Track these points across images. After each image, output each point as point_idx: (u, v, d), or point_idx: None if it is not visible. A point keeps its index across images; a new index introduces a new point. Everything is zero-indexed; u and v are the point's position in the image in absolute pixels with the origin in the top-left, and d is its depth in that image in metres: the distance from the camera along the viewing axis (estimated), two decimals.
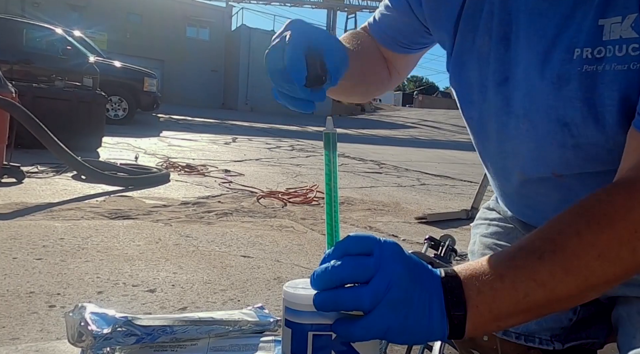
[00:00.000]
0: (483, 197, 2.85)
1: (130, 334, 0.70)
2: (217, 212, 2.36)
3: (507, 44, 0.63)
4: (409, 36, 0.78)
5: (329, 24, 29.55)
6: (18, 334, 0.93)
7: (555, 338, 0.76)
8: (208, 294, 1.28)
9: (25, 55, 6.32)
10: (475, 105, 0.72)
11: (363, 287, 0.41)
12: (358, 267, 0.41)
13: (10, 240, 1.57)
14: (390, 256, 0.42)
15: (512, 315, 0.45)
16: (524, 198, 0.75)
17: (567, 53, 0.57)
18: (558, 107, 0.60)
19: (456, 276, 0.44)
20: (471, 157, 8.09)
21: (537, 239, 0.47)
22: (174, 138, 6.74)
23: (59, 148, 2.64)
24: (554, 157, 0.65)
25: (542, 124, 0.63)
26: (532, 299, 0.44)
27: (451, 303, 0.42)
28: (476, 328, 0.43)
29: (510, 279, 0.44)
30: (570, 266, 0.45)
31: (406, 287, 0.42)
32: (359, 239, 0.43)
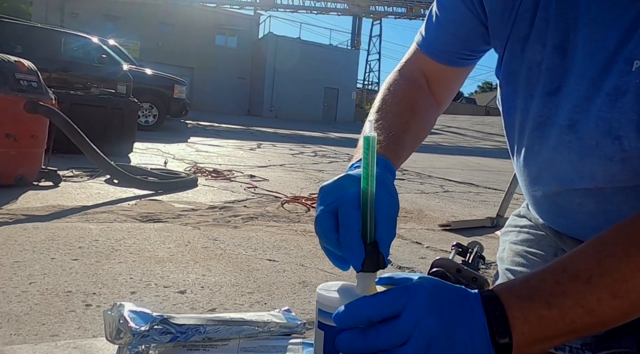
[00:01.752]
0: (509, 205, 2.80)
1: (166, 333, 0.73)
2: (243, 216, 2.41)
3: (562, 53, 0.62)
4: (471, 44, 0.72)
5: (354, 30, 29.62)
6: (57, 332, 0.98)
7: (586, 346, 0.75)
8: (236, 296, 1.31)
9: (63, 63, 6.59)
10: (517, 112, 0.71)
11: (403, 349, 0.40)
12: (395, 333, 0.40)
13: (49, 241, 1.65)
14: (425, 310, 0.41)
15: (556, 338, 0.45)
16: (558, 207, 0.73)
17: (626, 65, 0.56)
18: (611, 120, 0.59)
19: (499, 302, 0.43)
20: (496, 164, 7.93)
21: (582, 261, 0.46)
22: (202, 144, 6.89)
23: (94, 153, 2.75)
24: (598, 170, 0.63)
25: (589, 136, 0.62)
26: (578, 324, 0.44)
27: (496, 332, 0.42)
28: (520, 351, 0.43)
29: (558, 307, 0.43)
30: (619, 290, 0.44)
31: (446, 335, 0.41)
32: (389, 297, 0.41)
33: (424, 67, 0.76)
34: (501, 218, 2.76)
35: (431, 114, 0.76)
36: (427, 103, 0.75)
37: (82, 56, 7.02)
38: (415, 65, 0.76)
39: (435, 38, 0.74)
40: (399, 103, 0.69)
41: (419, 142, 0.72)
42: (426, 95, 0.75)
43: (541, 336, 0.43)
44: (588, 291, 0.44)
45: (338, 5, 27.00)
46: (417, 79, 0.75)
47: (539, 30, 0.63)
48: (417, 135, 0.70)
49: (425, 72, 0.76)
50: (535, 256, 0.83)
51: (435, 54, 0.74)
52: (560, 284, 0.44)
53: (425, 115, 0.73)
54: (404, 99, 0.70)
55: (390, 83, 0.73)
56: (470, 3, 0.68)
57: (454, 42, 0.72)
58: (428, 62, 0.75)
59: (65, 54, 6.85)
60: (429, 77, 0.76)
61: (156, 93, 7.82)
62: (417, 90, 0.74)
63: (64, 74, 6.39)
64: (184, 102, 8.37)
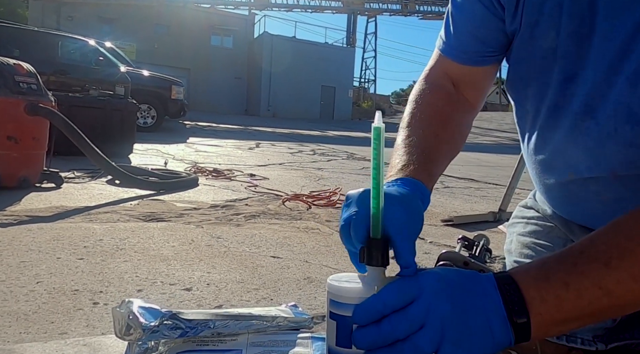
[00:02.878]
0: (511, 199, 2.81)
1: (176, 328, 0.74)
2: (245, 215, 2.42)
3: (578, 39, 0.60)
4: (492, 42, 0.70)
5: (349, 28, 29.60)
6: (66, 329, 0.98)
7: (598, 338, 0.74)
8: (242, 293, 1.32)
9: (60, 66, 6.58)
10: (530, 99, 0.69)
11: (419, 337, 0.40)
12: (409, 320, 0.40)
13: (54, 241, 1.66)
14: (435, 295, 0.41)
15: (574, 320, 0.45)
16: (571, 195, 0.72)
17: None
18: (631, 103, 0.58)
19: (513, 282, 0.43)
20: (495, 160, 7.95)
21: (601, 243, 0.46)
22: (201, 144, 6.89)
23: (95, 154, 2.76)
24: (616, 157, 0.62)
25: (608, 122, 0.61)
26: (596, 306, 0.43)
27: (513, 312, 0.42)
28: (539, 333, 0.43)
29: (575, 287, 0.43)
30: (638, 272, 0.43)
31: (460, 318, 0.41)
32: (398, 289, 0.42)
33: (449, 71, 0.74)
34: (504, 213, 2.77)
35: (464, 117, 0.73)
36: (458, 107, 0.73)
37: (80, 59, 7.01)
38: (439, 70, 0.74)
39: (455, 40, 0.72)
40: (427, 116, 0.67)
41: (455, 149, 0.70)
42: (455, 99, 0.73)
43: (559, 317, 0.43)
44: (607, 273, 0.43)
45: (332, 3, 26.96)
46: (443, 85, 0.73)
47: (551, 16, 0.61)
48: (450, 145, 0.67)
49: (452, 76, 0.74)
50: (544, 248, 0.83)
51: (457, 56, 0.72)
52: (578, 265, 0.44)
53: (456, 121, 0.70)
54: (432, 109, 0.68)
55: (417, 94, 0.71)
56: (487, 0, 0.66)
57: (475, 42, 0.70)
58: (452, 65, 0.73)
59: (63, 57, 6.84)
60: (456, 80, 0.74)
61: (154, 94, 7.82)
62: (444, 97, 0.71)
63: (61, 77, 6.39)
64: (181, 102, 8.37)
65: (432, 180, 0.58)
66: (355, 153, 7.18)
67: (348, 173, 4.77)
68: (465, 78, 0.73)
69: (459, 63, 0.72)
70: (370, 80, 35.94)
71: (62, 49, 6.88)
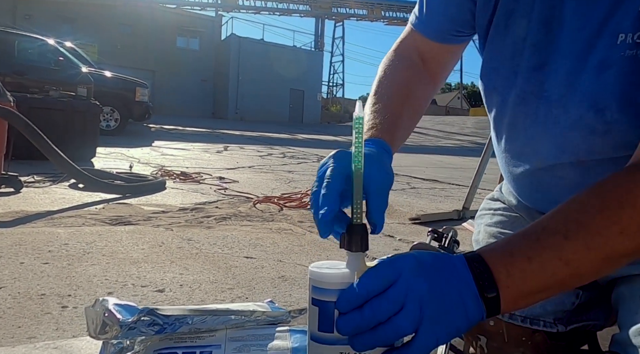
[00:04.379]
0: (474, 198, 2.92)
1: (153, 324, 0.73)
2: (216, 217, 2.40)
3: (548, 29, 0.63)
4: (462, 21, 0.73)
5: (317, 32, 29.77)
6: (34, 334, 0.95)
7: (559, 321, 0.79)
8: (216, 292, 1.31)
9: (17, 66, 6.29)
10: (500, 89, 0.72)
11: (399, 318, 0.42)
12: (389, 303, 0.42)
13: (16, 246, 1.59)
14: (412, 276, 0.43)
15: (539, 292, 0.47)
16: (538, 182, 0.75)
17: (611, 38, 0.58)
18: (595, 93, 0.61)
19: (482, 260, 0.45)
20: (458, 162, 8.20)
21: (560, 219, 0.49)
22: (167, 148, 6.74)
23: (58, 157, 2.66)
24: (581, 143, 0.65)
25: (574, 110, 0.64)
26: (558, 277, 0.46)
27: (483, 287, 0.44)
28: (508, 306, 0.45)
29: (538, 260, 0.45)
30: (594, 243, 0.46)
31: (437, 296, 0.43)
32: (377, 273, 0.43)
33: (418, 45, 0.78)
34: (467, 211, 2.87)
35: (426, 91, 0.78)
36: (422, 80, 0.77)
37: (38, 59, 6.73)
38: (410, 44, 0.79)
39: (427, 17, 0.76)
40: (394, 85, 0.71)
41: (417, 117, 0.75)
42: (421, 72, 0.77)
43: (525, 289, 0.46)
44: (566, 244, 0.46)
45: (300, 7, 27.06)
46: (411, 58, 0.77)
47: (525, 4, 0.64)
48: (414, 113, 0.73)
49: (420, 51, 0.78)
50: None
51: (428, 32, 0.77)
52: (539, 240, 0.47)
53: (421, 93, 0.75)
54: (399, 80, 0.73)
55: (387, 64, 0.76)
56: None
57: (445, 21, 0.74)
58: (422, 40, 0.77)
59: (20, 57, 6.54)
60: (424, 55, 0.79)
61: (117, 96, 7.60)
62: (411, 69, 0.76)
63: (19, 78, 6.10)
64: (146, 105, 8.17)
65: (396, 141, 0.63)
66: (325, 156, 7.22)
67: None
68: (433, 54, 0.78)
69: (429, 39, 0.77)
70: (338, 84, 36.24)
71: (18, 48, 6.58)
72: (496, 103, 0.75)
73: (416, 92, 0.74)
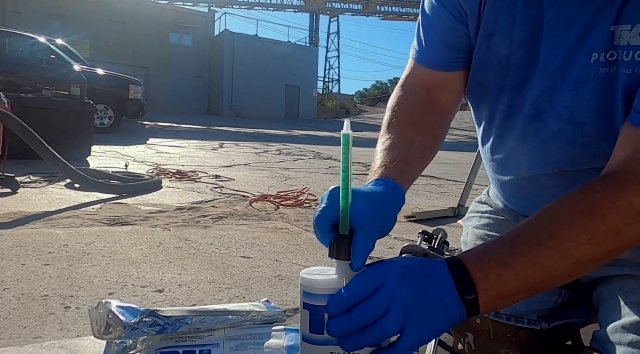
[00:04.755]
0: (469, 195, 2.96)
1: (155, 325, 0.77)
2: (212, 216, 2.43)
3: (528, 48, 0.67)
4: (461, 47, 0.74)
5: (311, 27, 29.68)
6: (40, 334, 0.99)
7: (542, 318, 0.84)
8: (214, 292, 1.35)
9: (8, 65, 6.25)
10: (487, 104, 0.76)
11: (385, 321, 0.45)
12: (375, 307, 0.45)
13: (16, 248, 1.62)
14: (397, 281, 0.46)
15: (515, 294, 0.51)
16: (523, 190, 0.79)
17: (586, 57, 0.62)
18: (573, 107, 0.65)
19: (462, 264, 0.49)
20: (455, 157, 8.25)
21: (534, 227, 0.52)
22: (162, 145, 6.75)
23: (54, 157, 2.67)
24: (561, 155, 0.69)
25: (553, 124, 0.68)
26: (532, 280, 0.50)
27: (463, 290, 0.47)
28: (486, 307, 0.49)
29: (513, 265, 0.49)
30: (564, 249, 0.50)
31: (419, 300, 0.46)
32: (364, 280, 0.46)
33: (423, 78, 0.78)
34: (462, 208, 2.91)
35: (437, 122, 0.77)
36: (431, 113, 0.76)
37: (29, 57, 6.69)
38: (414, 79, 0.79)
39: (427, 49, 0.76)
40: (402, 123, 0.71)
41: (429, 151, 0.74)
42: (428, 106, 0.77)
43: (502, 292, 0.49)
44: (539, 251, 0.50)
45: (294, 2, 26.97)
46: (417, 93, 0.77)
47: (506, 26, 0.68)
48: (423, 148, 0.72)
49: (426, 83, 0.78)
50: None
51: (430, 63, 0.77)
52: (514, 246, 0.51)
53: (429, 126, 0.75)
54: (406, 117, 0.73)
55: (394, 103, 0.76)
56: (452, 7, 0.72)
57: (445, 49, 0.75)
58: (426, 72, 0.78)
59: (11, 55, 6.50)
60: (430, 86, 0.78)
61: (111, 94, 7.57)
62: (418, 105, 0.76)
63: (10, 76, 6.07)
64: (140, 102, 8.15)
65: (406, 179, 0.63)
66: (321, 153, 7.25)
67: (315, 173, 4.83)
68: (439, 84, 0.78)
69: (432, 69, 0.77)
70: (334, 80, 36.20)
71: (9, 46, 6.54)
72: (484, 117, 0.80)
73: (425, 126, 0.74)
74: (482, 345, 0.88)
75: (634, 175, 0.54)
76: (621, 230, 0.52)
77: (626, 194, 0.52)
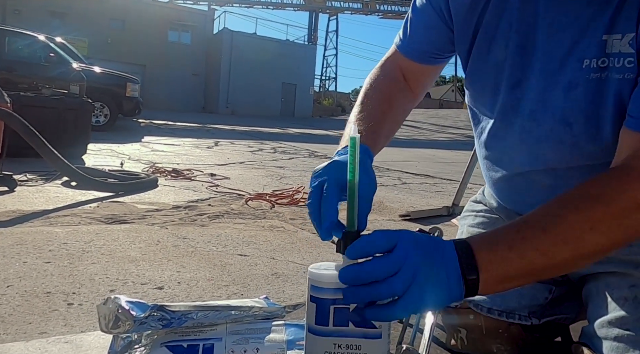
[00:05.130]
0: (464, 194, 3.00)
1: (162, 319, 0.80)
2: (209, 215, 2.45)
3: (523, 52, 0.72)
4: (440, 45, 0.83)
5: (310, 25, 29.67)
6: (45, 329, 1.01)
7: (533, 314, 0.87)
8: (212, 289, 1.38)
9: (7, 63, 6.24)
10: (484, 104, 0.81)
11: (395, 278, 0.48)
12: (389, 265, 0.48)
13: (17, 246, 1.64)
14: (412, 247, 0.49)
15: (516, 278, 0.53)
16: (515, 186, 0.83)
17: (578, 62, 0.66)
18: (565, 108, 0.69)
19: (468, 246, 0.51)
20: (450, 156, 8.30)
21: (540, 214, 0.55)
22: (157, 144, 6.75)
23: (53, 156, 2.69)
24: (551, 153, 0.74)
25: (546, 123, 0.72)
26: (534, 265, 0.52)
27: (466, 270, 0.50)
28: (486, 289, 0.51)
29: (517, 249, 0.51)
30: (569, 236, 0.52)
31: (428, 268, 0.49)
32: (384, 234, 0.50)
33: (401, 64, 0.87)
34: (457, 207, 2.95)
35: (406, 104, 0.88)
36: (403, 95, 0.86)
37: (28, 55, 6.68)
38: (394, 63, 0.88)
39: (410, 40, 0.85)
40: (378, 97, 0.80)
41: (397, 127, 0.85)
42: (402, 88, 0.87)
43: (504, 274, 0.52)
44: (544, 237, 0.52)
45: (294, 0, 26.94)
46: (395, 75, 0.86)
47: (503, 31, 0.73)
48: (394, 123, 0.82)
49: (403, 69, 0.87)
50: None
51: (410, 53, 0.86)
52: (520, 232, 0.53)
53: (401, 105, 0.85)
54: (382, 93, 0.82)
55: (372, 78, 0.85)
56: (439, 9, 0.79)
57: (426, 43, 0.83)
58: (405, 60, 0.86)
59: (10, 53, 6.49)
60: (406, 73, 0.88)
61: (108, 92, 7.56)
62: (394, 84, 0.85)
63: (8, 74, 6.05)
64: (136, 100, 8.14)
65: (377, 147, 0.73)
66: (317, 151, 7.28)
67: (310, 171, 4.83)
68: (413, 73, 0.88)
69: (410, 59, 0.86)
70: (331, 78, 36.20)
71: (9, 44, 6.53)
72: (482, 116, 0.84)
73: (397, 104, 0.84)
74: (474, 340, 0.91)
75: (637, 170, 0.56)
76: (622, 222, 0.54)
77: (629, 188, 0.55)
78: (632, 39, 0.62)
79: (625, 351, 0.66)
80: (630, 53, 0.63)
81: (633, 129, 0.60)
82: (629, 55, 0.63)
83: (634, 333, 0.66)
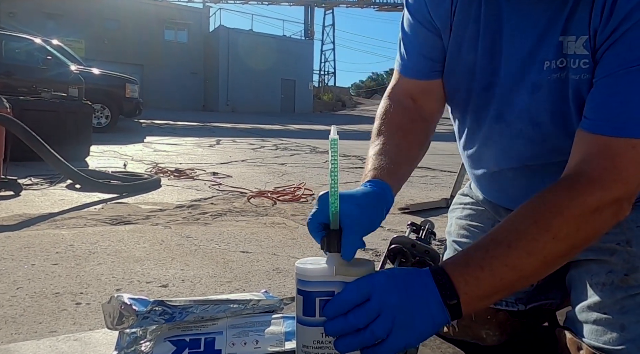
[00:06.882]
0: (461, 186, 3.03)
1: (164, 313, 0.85)
2: (212, 213, 2.49)
3: (491, 56, 0.75)
4: (436, 55, 0.81)
5: (307, 20, 29.56)
6: (54, 328, 1.06)
7: (519, 300, 0.91)
8: (216, 286, 1.42)
9: (4, 67, 6.28)
10: (458, 106, 0.85)
11: (376, 325, 0.51)
12: (369, 314, 0.51)
13: (25, 249, 1.69)
14: (386, 291, 0.52)
15: (493, 294, 0.57)
16: (495, 183, 0.88)
17: (539, 64, 0.69)
18: (531, 110, 0.73)
19: (444, 272, 0.54)
20: (450, 148, 8.32)
21: (504, 231, 0.58)
22: (159, 144, 6.79)
23: (56, 159, 2.73)
24: (524, 151, 0.77)
25: (515, 124, 0.76)
26: (506, 280, 0.55)
27: (446, 296, 0.53)
28: (468, 309, 0.54)
29: (488, 268, 0.55)
30: (532, 248, 0.55)
31: (407, 306, 0.52)
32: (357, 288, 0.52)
33: (408, 88, 0.86)
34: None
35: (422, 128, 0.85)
36: (416, 120, 0.83)
37: (26, 58, 6.71)
38: (400, 88, 0.87)
39: (408, 61, 0.84)
40: (389, 130, 0.78)
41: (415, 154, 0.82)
42: (413, 113, 0.84)
43: (480, 293, 0.55)
44: (510, 253, 0.55)
45: None
46: (403, 102, 0.85)
47: (472, 37, 0.76)
48: (409, 151, 0.79)
49: (411, 92, 0.86)
50: (477, 229, 1.00)
51: (413, 74, 0.85)
52: (489, 250, 0.57)
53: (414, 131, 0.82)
54: (393, 125, 0.80)
55: (382, 112, 0.83)
56: (424, 20, 0.80)
57: (424, 60, 0.83)
58: (410, 82, 0.85)
59: (7, 57, 6.52)
60: (415, 95, 0.86)
61: (107, 93, 7.60)
62: (404, 113, 0.83)
63: (6, 78, 6.10)
64: (136, 101, 8.18)
65: (395, 179, 0.70)
66: (318, 147, 7.30)
67: (312, 167, 4.89)
68: (423, 91, 0.86)
69: (415, 79, 0.85)
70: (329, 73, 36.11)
71: (5, 48, 6.56)
72: (457, 118, 0.88)
73: (411, 132, 0.81)
74: (464, 327, 0.96)
75: (586, 175, 0.60)
76: (580, 227, 0.57)
77: (581, 194, 0.58)
78: (585, 41, 0.65)
79: (603, 334, 0.70)
80: (585, 54, 0.65)
81: (586, 130, 0.63)
82: (584, 57, 0.65)
83: (611, 316, 0.70)
